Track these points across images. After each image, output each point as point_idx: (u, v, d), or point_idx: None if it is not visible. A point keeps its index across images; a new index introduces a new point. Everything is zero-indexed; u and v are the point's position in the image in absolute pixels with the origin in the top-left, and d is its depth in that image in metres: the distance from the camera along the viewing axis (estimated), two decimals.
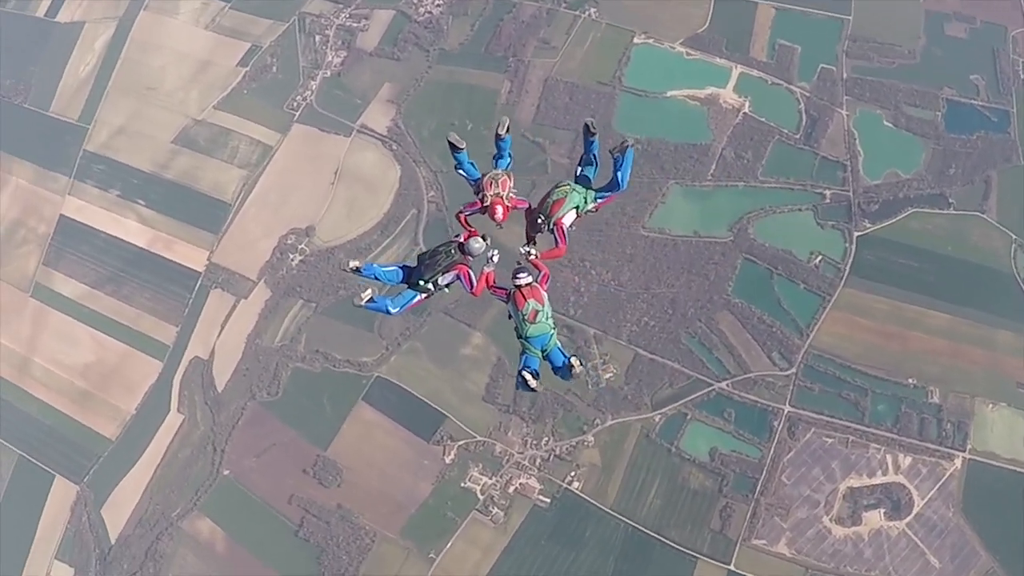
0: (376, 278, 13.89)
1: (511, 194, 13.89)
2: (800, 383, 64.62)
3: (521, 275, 13.47)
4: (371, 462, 73.42)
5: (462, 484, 68.05)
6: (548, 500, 65.94)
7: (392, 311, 13.90)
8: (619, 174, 13.61)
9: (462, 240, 14.09)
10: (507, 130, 14.43)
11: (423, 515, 67.82)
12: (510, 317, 13.43)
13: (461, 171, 14.38)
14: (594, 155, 13.82)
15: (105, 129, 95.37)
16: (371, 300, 14.04)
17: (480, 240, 13.92)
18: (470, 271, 13.77)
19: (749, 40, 74.94)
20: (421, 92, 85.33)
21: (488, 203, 13.75)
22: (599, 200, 13.85)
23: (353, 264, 14.11)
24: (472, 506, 67.26)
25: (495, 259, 14.11)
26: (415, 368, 75.94)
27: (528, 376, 12.97)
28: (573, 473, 66.22)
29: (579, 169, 13.90)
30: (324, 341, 79.41)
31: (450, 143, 14.09)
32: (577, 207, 13.64)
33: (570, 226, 13.60)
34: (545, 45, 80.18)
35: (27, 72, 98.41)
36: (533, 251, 13.77)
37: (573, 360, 12.81)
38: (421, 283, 13.69)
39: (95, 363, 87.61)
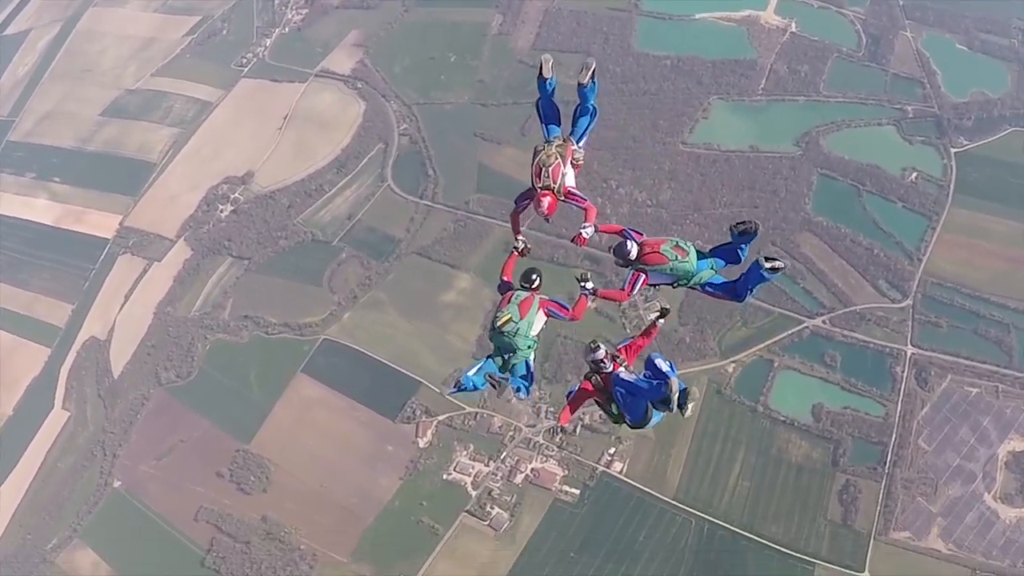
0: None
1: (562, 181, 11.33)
2: (921, 317, 53.06)
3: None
4: (310, 454, 53.82)
5: (445, 476, 51.43)
6: (577, 492, 49.59)
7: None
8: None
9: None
10: (591, 77, 11.45)
11: (386, 525, 50.92)
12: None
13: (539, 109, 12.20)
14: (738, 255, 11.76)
15: (32, 117, 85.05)
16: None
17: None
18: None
19: None
20: (394, 33, 76.64)
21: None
22: (711, 290, 11.71)
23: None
24: (461, 507, 50.28)
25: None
26: (377, 325, 58.09)
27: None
28: (612, 451, 50.24)
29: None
30: (256, 304, 61.26)
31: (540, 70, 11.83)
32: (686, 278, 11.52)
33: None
34: None
35: None
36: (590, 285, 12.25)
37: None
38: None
39: None
